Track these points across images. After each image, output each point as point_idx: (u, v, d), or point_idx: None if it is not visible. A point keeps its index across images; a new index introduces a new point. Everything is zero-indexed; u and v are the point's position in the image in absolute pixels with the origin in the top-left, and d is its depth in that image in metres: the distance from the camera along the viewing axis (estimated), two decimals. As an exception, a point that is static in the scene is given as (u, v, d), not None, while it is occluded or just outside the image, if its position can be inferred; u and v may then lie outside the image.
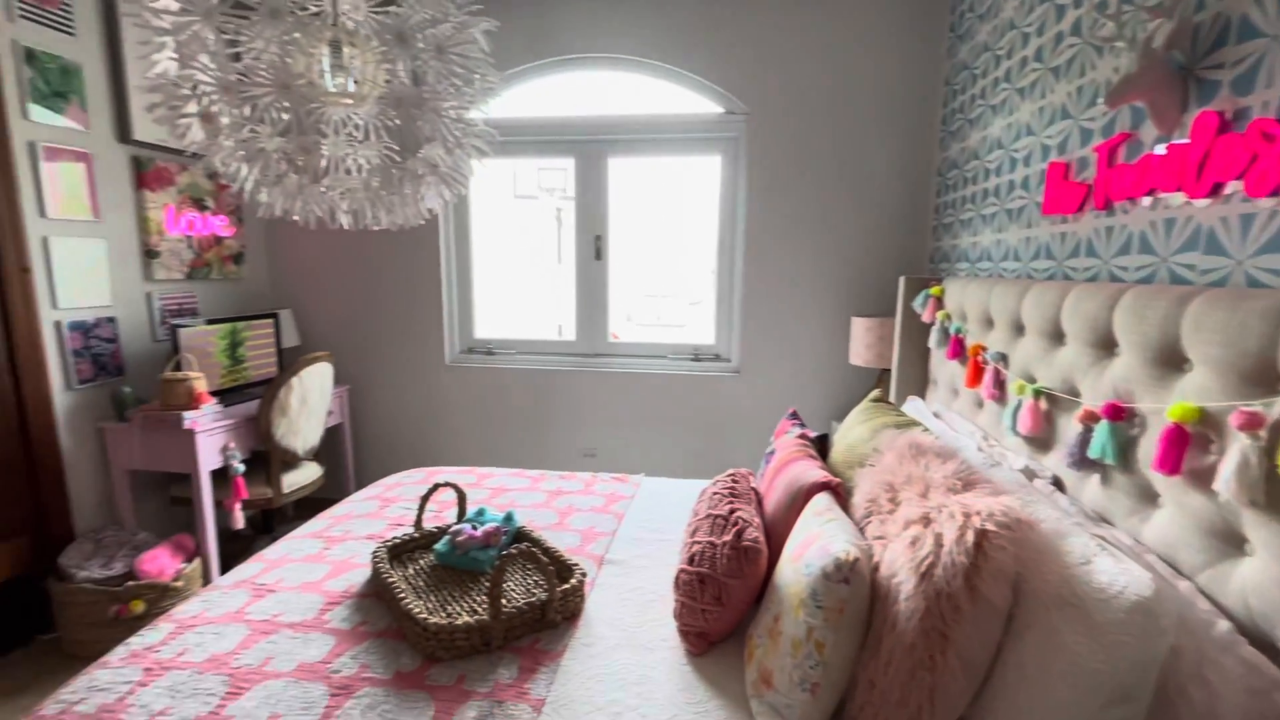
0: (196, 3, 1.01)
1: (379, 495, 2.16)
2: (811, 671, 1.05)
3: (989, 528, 0.96)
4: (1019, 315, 1.66)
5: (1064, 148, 1.76)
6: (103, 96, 2.44)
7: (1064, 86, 1.77)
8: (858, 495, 1.35)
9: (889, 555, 1.08)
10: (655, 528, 1.90)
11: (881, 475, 1.30)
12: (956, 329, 2.05)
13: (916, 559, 1.00)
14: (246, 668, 1.23)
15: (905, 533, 1.07)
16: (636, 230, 3.27)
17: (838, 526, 1.19)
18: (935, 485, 1.18)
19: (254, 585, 1.54)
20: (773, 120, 2.91)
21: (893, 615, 1.02)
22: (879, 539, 1.17)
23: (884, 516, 1.22)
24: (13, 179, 2.13)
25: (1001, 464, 1.46)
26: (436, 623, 1.25)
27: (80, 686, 1.18)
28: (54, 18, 2.24)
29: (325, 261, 3.31)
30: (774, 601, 1.21)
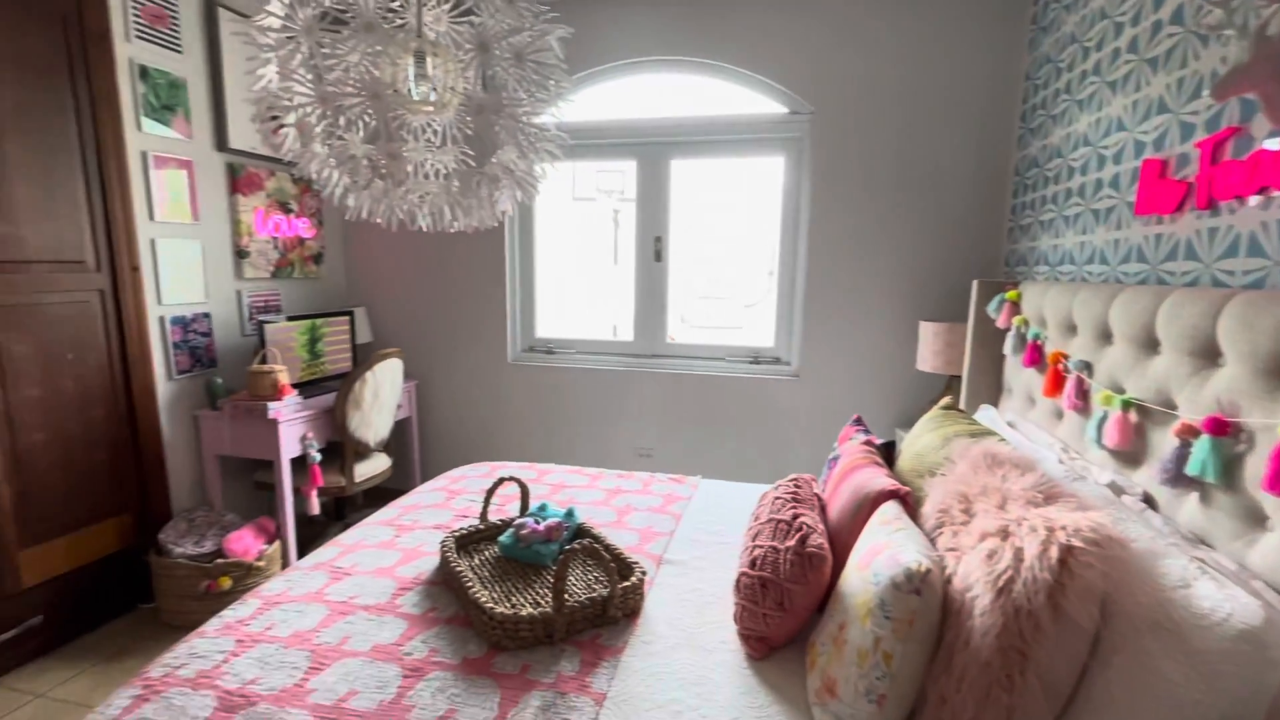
0: (298, 21, 1.08)
1: (445, 487, 2.24)
2: (878, 683, 1.03)
3: (1075, 544, 0.91)
4: (1106, 321, 1.56)
5: (1161, 144, 1.65)
6: (204, 108, 2.63)
7: (1162, 79, 1.66)
8: (928, 505, 1.31)
9: (963, 568, 1.05)
10: (713, 530, 1.90)
11: (954, 485, 1.26)
12: (1035, 335, 1.95)
13: (994, 573, 0.97)
14: (326, 645, 1.30)
15: (981, 545, 1.03)
16: (695, 232, 3.26)
17: (907, 536, 1.16)
18: (1014, 497, 1.13)
19: (332, 568, 1.63)
20: (839, 119, 2.85)
21: (966, 630, 0.98)
22: (951, 551, 1.13)
23: (957, 528, 1.18)
24: (128, 186, 2.33)
25: (1086, 478, 1.38)
26: (502, 613, 1.28)
27: (181, 653, 1.28)
28: (165, 37, 2.44)
29: (397, 262, 3.46)
30: (839, 609, 1.18)
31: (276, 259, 3.04)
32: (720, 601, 1.49)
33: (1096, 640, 0.94)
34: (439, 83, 1.23)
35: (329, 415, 2.76)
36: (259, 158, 2.88)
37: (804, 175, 2.98)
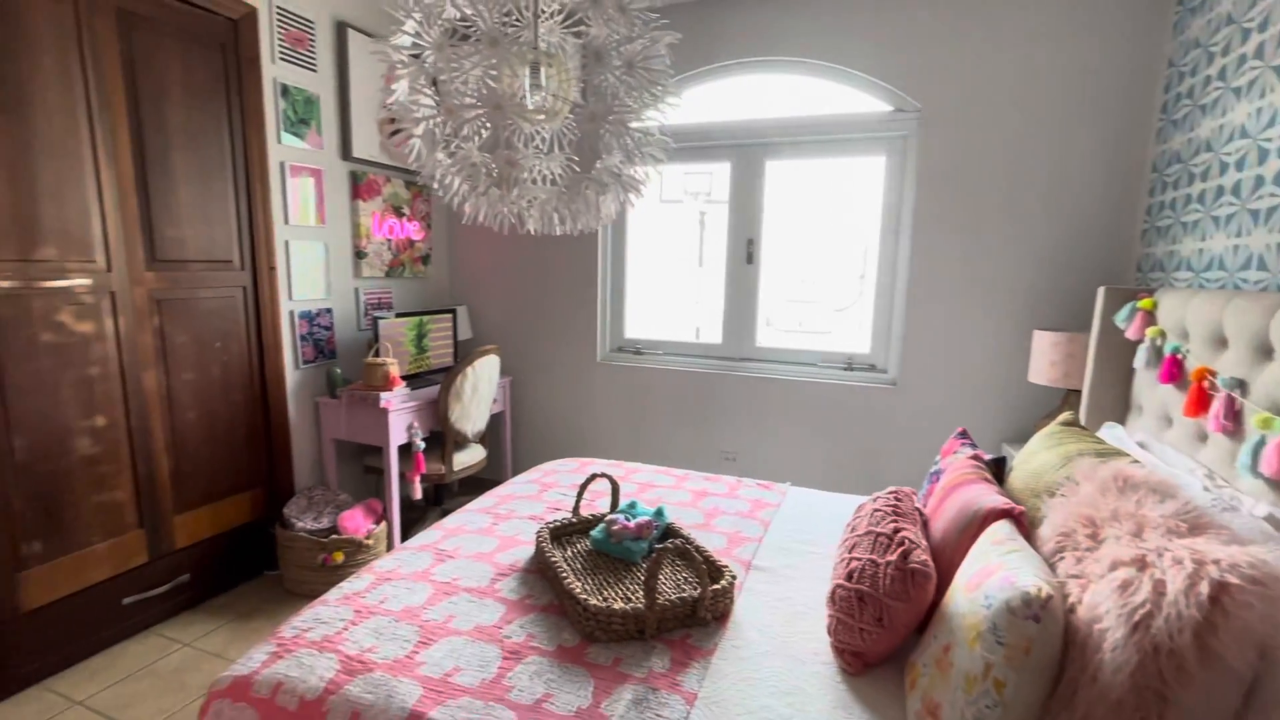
0: (427, 38, 1.17)
1: (537, 479, 2.33)
2: (988, 711, 0.97)
3: (1231, 580, 0.82)
4: (1266, 335, 1.40)
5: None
6: (332, 121, 2.88)
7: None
8: (1046, 527, 1.22)
9: (1090, 597, 0.97)
10: (804, 538, 1.86)
11: (1078, 508, 1.17)
12: (1174, 348, 1.77)
13: (1129, 605, 0.89)
14: (433, 622, 1.39)
15: (1113, 574, 0.95)
16: (786, 234, 3.20)
17: (1022, 558, 1.09)
18: (1152, 525, 1.03)
19: (436, 550, 1.73)
20: (948, 115, 2.71)
21: (1093, 665, 0.91)
22: (1075, 578, 1.04)
23: (1081, 554, 1.09)
24: (268, 194, 2.59)
25: (1238, 509, 1.24)
26: (596, 605, 1.32)
27: (308, 617, 1.41)
28: (302, 58, 2.69)
29: (496, 264, 3.63)
30: (943, 630, 1.13)
31: (389, 259, 3.27)
32: (813, 612, 1.46)
33: (1253, 689, 0.85)
34: (551, 91, 1.29)
35: (432, 406, 2.93)
36: (378, 165, 3.11)
37: (907, 175, 2.85)
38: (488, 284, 3.68)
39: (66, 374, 2.03)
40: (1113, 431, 1.93)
